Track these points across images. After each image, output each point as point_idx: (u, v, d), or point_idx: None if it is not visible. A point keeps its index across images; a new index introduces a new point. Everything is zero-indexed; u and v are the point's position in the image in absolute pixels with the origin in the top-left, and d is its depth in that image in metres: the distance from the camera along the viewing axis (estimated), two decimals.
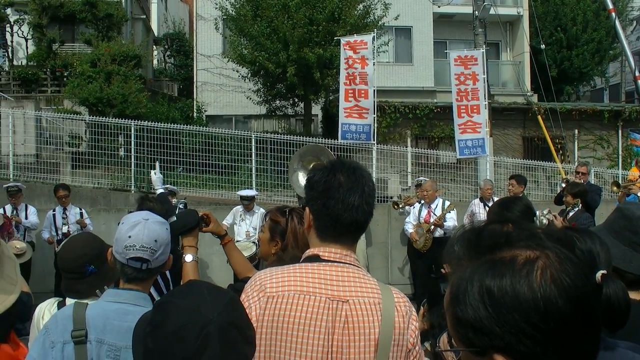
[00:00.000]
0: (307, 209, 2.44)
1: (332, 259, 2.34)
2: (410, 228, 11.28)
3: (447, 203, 11.18)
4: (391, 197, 14.64)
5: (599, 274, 2.17)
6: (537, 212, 4.03)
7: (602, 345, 2.12)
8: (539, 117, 20.84)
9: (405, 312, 2.32)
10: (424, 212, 11.12)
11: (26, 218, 11.19)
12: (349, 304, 2.24)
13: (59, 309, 3.22)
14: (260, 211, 11.25)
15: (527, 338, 1.11)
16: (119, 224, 2.76)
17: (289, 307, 2.22)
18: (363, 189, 2.36)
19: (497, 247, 1.20)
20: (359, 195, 2.34)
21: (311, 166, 9.14)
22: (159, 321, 1.72)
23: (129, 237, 2.62)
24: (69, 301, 3.22)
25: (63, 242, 3.83)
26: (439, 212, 10.98)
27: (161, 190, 5.62)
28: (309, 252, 2.42)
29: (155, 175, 5.84)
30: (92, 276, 3.22)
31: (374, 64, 14.58)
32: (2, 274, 1.31)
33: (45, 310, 3.32)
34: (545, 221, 4.03)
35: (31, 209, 11.41)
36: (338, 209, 2.32)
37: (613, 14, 19.25)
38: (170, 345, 1.68)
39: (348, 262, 2.35)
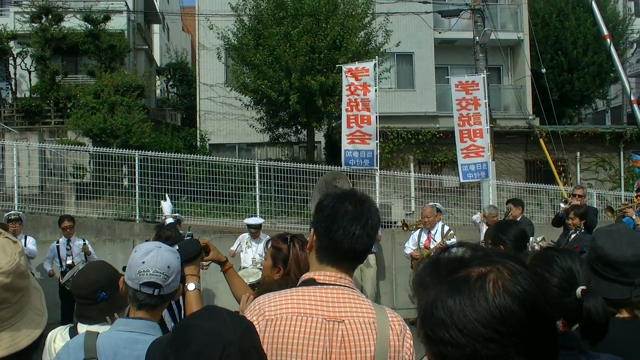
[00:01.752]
0: (312, 230, 2.53)
1: (327, 282, 2.42)
2: (408, 252, 11.24)
3: (446, 228, 11.11)
4: (395, 222, 14.64)
5: (579, 290, 2.34)
6: (531, 239, 4.10)
7: (585, 357, 2.30)
8: (541, 140, 20.89)
9: (399, 331, 2.40)
10: (424, 237, 11.05)
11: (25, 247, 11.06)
12: (344, 324, 2.32)
13: (70, 334, 3.30)
14: (266, 238, 11.21)
15: (491, 342, 1.21)
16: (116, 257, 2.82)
17: (287, 328, 2.29)
18: (367, 220, 2.45)
19: (454, 270, 1.31)
20: (361, 226, 2.42)
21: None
22: (182, 342, 1.77)
23: (143, 262, 2.69)
24: (81, 327, 3.28)
25: (80, 269, 3.86)
26: (438, 237, 10.86)
27: (171, 220, 5.65)
28: (305, 276, 2.51)
29: (166, 202, 5.89)
30: (102, 303, 3.28)
31: (376, 90, 14.66)
32: (29, 305, 1.34)
33: (57, 335, 3.37)
34: (537, 247, 4.10)
35: (30, 239, 11.24)
36: (339, 234, 2.41)
37: (608, 40, 19.41)
38: None
39: (343, 284, 2.43)
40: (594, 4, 19.68)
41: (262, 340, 2.24)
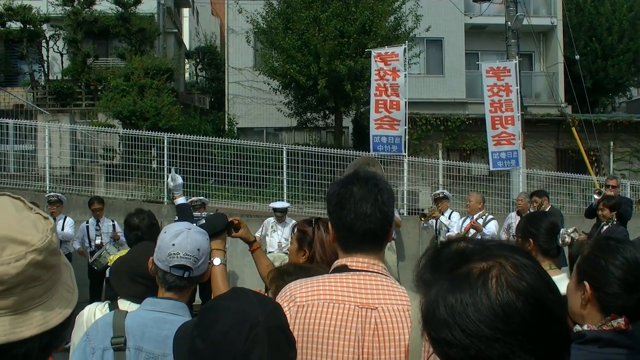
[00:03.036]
0: (329, 222, 2.51)
1: (359, 268, 2.37)
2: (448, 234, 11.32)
3: (490, 216, 11.14)
4: (422, 210, 14.58)
5: None
6: (562, 230, 4.01)
7: None
8: (573, 128, 20.61)
9: None
10: (467, 222, 11.11)
11: (62, 229, 11.24)
12: (377, 311, 2.27)
13: (110, 311, 3.31)
14: (292, 223, 11.25)
15: (495, 342, 1.17)
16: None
17: (318, 315, 2.26)
18: (376, 197, 2.39)
19: (455, 265, 1.27)
20: (370, 205, 2.38)
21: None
22: (209, 322, 1.77)
23: (173, 245, 2.69)
24: (122, 303, 3.35)
25: (133, 248, 3.88)
26: (481, 222, 10.96)
27: (182, 200, 5.21)
28: (337, 262, 2.47)
29: (173, 183, 5.29)
30: None
31: (405, 76, 14.57)
32: (60, 282, 1.35)
33: (97, 311, 3.41)
34: (567, 239, 3.98)
35: (69, 221, 11.48)
36: (350, 219, 2.38)
37: None
38: (220, 345, 1.72)
39: (375, 270, 2.38)
40: None
41: (292, 326, 2.22)
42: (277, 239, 11.59)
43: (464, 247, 1.31)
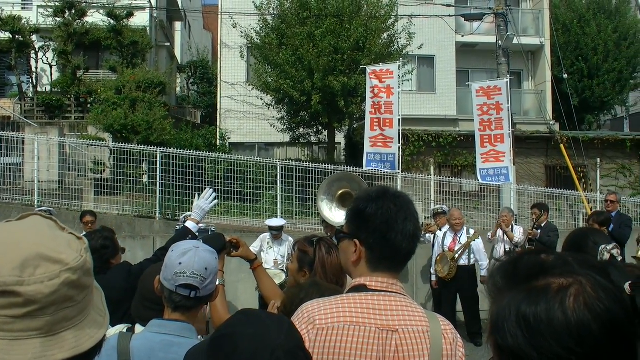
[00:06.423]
0: (356, 241, 2.37)
1: (379, 289, 2.32)
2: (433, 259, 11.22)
3: (472, 231, 11.07)
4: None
5: None
6: (601, 247, 3.97)
7: None
8: (562, 145, 20.74)
9: (452, 339, 2.31)
10: (449, 239, 10.97)
11: None
12: (398, 333, 2.23)
13: None
14: (289, 240, 11.17)
15: None
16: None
17: (339, 338, 2.20)
18: (414, 216, 2.36)
19: (533, 276, 1.24)
20: (413, 224, 2.34)
21: (339, 194, 9.17)
22: (228, 352, 1.70)
23: (180, 263, 2.60)
24: (138, 327, 3.25)
25: (148, 272, 3.80)
26: (464, 240, 10.79)
27: (192, 225, 4.70)
28: (355, 282, 2.39)
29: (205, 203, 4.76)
30: None
31: (398, 93, 14.62)
32: (92, 305, 1.32)
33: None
34: (606, 255, 3.94)
35: None
36: (399, 240, 2.31)
37: None
38: None
39: (395, 290, 2.33)
40: None
41: (312, 350, 2.18)
42: (273, 256, 11.45)
43: (543, 259, 1.28)
